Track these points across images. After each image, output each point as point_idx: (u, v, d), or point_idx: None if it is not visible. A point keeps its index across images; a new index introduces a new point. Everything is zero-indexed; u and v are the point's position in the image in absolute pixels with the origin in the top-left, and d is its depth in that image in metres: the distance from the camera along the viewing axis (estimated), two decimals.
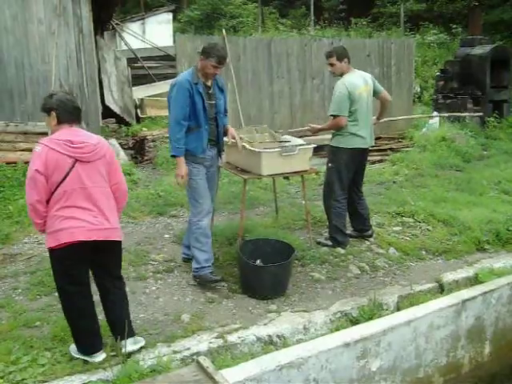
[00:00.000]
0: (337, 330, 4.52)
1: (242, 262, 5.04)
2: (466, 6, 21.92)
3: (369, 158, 9.81)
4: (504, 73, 13.83)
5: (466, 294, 5.13)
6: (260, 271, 4.99)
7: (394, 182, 8.52)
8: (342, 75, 5.80)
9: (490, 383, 5.55)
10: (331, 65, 5.82)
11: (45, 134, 8.33)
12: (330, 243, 5.97)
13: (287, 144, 5.56)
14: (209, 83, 5.06)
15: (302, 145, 5.55)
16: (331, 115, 5.79)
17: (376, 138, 10.71)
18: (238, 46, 10.08)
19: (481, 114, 12.53)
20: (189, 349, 4.10)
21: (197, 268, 5.06)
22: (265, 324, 4.50)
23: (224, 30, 10.33)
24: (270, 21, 26.06)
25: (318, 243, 6.00)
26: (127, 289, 4.12)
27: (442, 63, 16.02)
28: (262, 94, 10.22)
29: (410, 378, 4.75)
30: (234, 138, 5.19)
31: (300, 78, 10.52)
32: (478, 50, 14.11)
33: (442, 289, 5.46)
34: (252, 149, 5.31)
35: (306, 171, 5.66)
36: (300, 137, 8.60)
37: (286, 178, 5.87)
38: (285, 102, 10.41)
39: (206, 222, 5.05)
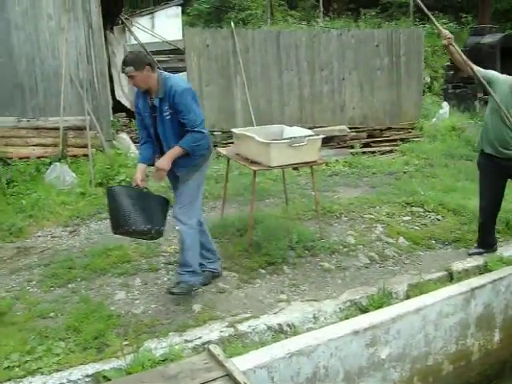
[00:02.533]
0: (346, 318, 4.56)
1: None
2: None
3: (379, 149, 9.93)
4: None
5: (475, 282, 5.15)
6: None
7: (404, 173, 8.53)
8: None
9: (499, 371, 5.59)
10: None
11: (56, 129, 8.47)
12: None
13: (296, 135, 5.59)
14: (152, 95, 4.57)
15: (311, 135, 5.58)
16: None
17: (386, 129, 10.85)
18: (247, 39, 10.10)
19: None
20: (200, 338, 4.17)
21: (192, 273, 4.77)
22: (275, 313, 4.56)
23: (232, 23, 10.37)
24: (279, 13, 26.00)
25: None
26: (139, 280, 4.18)
27: None
28: (272, 86, 10.25)
29: (419, 365, 4.79)
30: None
31: (309, 70, 10.52)
32: (488, 39, 14.08)
33: (451, 277, 5.47)
34: (261, 140, 5.36)
35: (314, 162, 5.69)
36: (310, 128, 8.66)
37: (296, 168, 5.90)
38: (294, 93, 10.43)
39: None
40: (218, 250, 5.40)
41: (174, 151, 4.50)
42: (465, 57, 5.22)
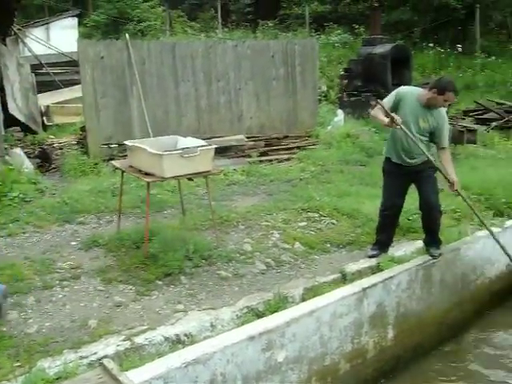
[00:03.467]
0: (243, 324, 4.61)
1: None
2: (368, 7, 22.62)
3: (276, 157, 10.12)
4: (405, 70, 14.39)
5: (366, 282, 5.37)
6: None
7: (301, 179, 8.72)
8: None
9: (394, 366, 5.82)
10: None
11: None
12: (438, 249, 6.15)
13: (188, 145, 5.62)
14: None
15: (204, 146, 5.62)
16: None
17: (283, 137, 11.06)
18: (143, 50, 10.02)
19: None
20: (96, 353, 4.09)
21: None
22: (172, 324, 4.55)
23: (127, 35, 10.27)
24: (178, 24, 25.99)
25: (433, 255, 6.10)
26: (32, 298, 4.04)
27: (347, 62, 16.48)
28: (168, 97, 10.21)
29: (316, 366, 4.92)
30: None
31: (205, 81, 10.56)
32: (379, 49, 14.61)
33: (345, 279, 5.65)
34: (153, 151, 5.35)
35: (208, 172, 5.74)
36: (207, 139, 8.71)
37: (190, 179, 5.92)
38: (191, 104, 10.43)
39: None
40: (114, 263, 5.36)
41: None
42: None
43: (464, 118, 14.77)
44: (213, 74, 10.66)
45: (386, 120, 5.38)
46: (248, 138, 10.39)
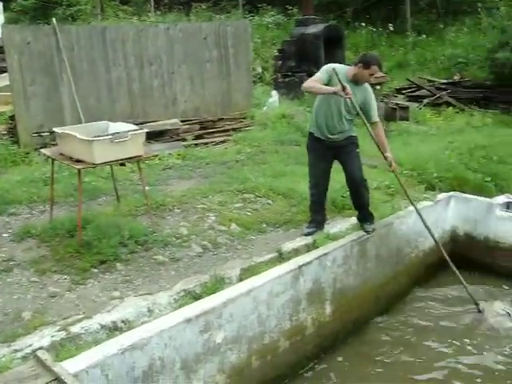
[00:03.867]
0: (181, 308, 4.62)
1: None
2: None
3: (212, 140, 10.10)
4: (338, 50, 14.52)
5: (302, 259, 5.44)
6: None
7: (237, 161, 8.72)
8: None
9: (334, 340, 5.94)
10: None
11: None
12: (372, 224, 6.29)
13: (119, 130, 5.55)
14: None
15: (134, 130, 5.56)
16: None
17: (218, 120, 11.04)
18: (71, 35, 9.76)
19: None
20: (31, 345, 4.01)
21: None
22: (108, 311, 4.50)
23: (54, 20, 9.98)
24: (109, 8, 25.45)
25: (366, 230, 6.21)
26: None
27: (280, 43, 16.51)
28: (100, 83, 10.00)
29: (256, 345, 4.98)
30: None
31: (137, 65, 10.37)
32: (312, 29, 14.69)
33: (282, 258, 5.70)
34: (83, 137, 5.26)
35: (140, 156, 5.68)
36: (141, 124, 8.63)
37: (123, 164, 5.85)
38: (124, 89, 10.24)
39: None
40: (48, 253, 5.26)
41: None
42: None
43: (397, 96, 15.08)
44: (145, 58, 10.50)
45: (335, 88, 5.41)
46: (183, 121, 10.31)
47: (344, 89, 5.36)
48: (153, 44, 10.61)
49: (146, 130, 5.67)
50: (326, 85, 5.57)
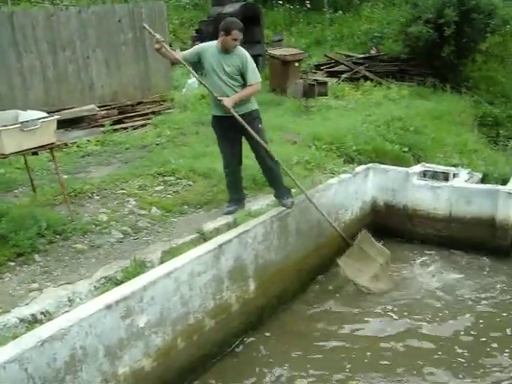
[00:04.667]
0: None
1: None
2: None
3: (131, 124, 9.97)
4: (255, 29, 14.55)
5: (221, 238, 5.48)
6: None
7: (157, 144, 8.64)
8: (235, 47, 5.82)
9: (259, 316, 6.04)
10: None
11: None
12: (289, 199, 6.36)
13: (28, 118, 5.41)
14: None
15: (44, 117, 5.43)
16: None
17: (137, 104, 10.90)
18: None
19: None
20: None
21: None
22: (27, 304, 4.43)
23: None
24: None
25: (285, 206, 6.31)
26: None
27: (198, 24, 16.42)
28: (11, 71, 9.67)
29: (180, 326, 5.01)
30: None
31: (50, 51, 10.11)
32: (229, 9, 14.65)
33: (204, 238, 5.74)
34: None
35: (53, 144, 5.56)
36: (57, 111, 8.43)
37: (35, 153, 5.71)
38: (37, 77, 9.96)
39: None
40: None
41: None
42: (172, 53, 6.02)
43: (316, 72, 15.25)
44: (57, 43, 10.23)
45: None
46: (101, 107, 10.13)
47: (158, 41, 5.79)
48: (65, 28, 10.36)
49: (56, 117, 5.55)
50: (197, 63, 5.88)
